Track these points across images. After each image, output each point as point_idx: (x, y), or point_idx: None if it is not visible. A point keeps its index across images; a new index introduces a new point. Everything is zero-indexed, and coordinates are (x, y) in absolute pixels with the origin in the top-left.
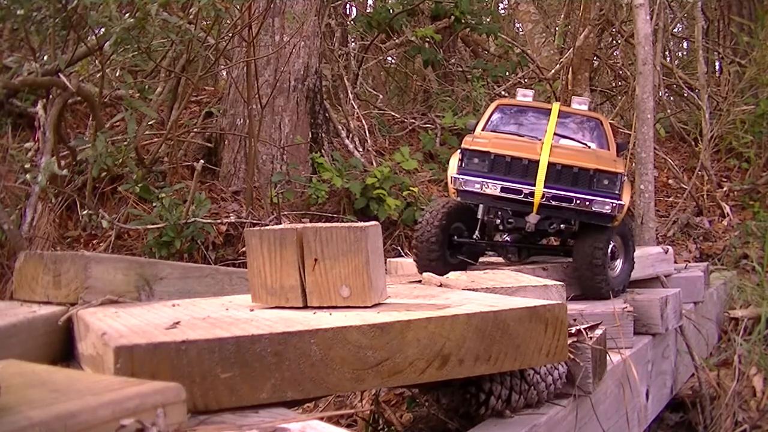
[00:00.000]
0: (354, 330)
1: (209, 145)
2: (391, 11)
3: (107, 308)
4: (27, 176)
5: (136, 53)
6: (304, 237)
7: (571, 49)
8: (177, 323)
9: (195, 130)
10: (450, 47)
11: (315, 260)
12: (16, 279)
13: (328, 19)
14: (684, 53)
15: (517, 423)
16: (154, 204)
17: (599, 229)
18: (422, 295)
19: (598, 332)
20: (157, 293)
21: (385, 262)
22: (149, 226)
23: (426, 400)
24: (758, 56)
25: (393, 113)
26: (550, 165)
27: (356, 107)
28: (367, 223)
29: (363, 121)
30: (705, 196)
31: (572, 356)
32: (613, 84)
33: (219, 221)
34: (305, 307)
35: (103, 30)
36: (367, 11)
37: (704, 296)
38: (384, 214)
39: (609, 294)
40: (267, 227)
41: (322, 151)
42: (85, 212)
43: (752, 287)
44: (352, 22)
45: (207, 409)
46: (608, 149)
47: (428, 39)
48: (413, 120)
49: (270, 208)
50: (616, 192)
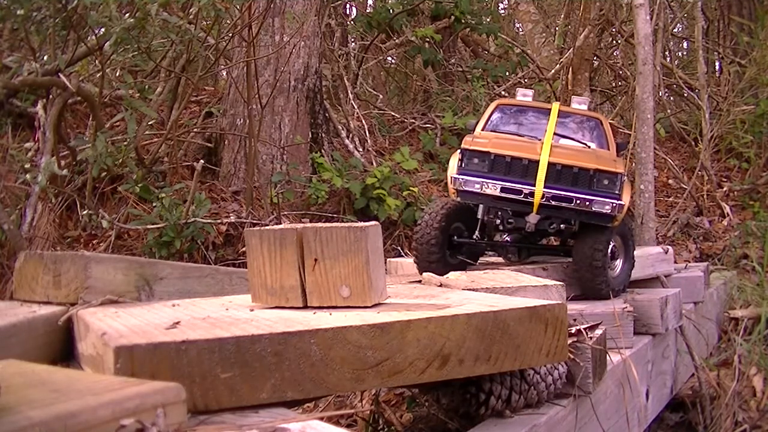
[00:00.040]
0: (354, 330)
1: (209, 145)
2: (391, 11)
3: (107, 308)
4: (27, 176)
5: (136, 53)
6: (304, 237)
7: (571, 49)
8: (177, 323)
9: (195, 130)
10: (450, 47)
11: (315, 260)
12: (16, 279)
13: (328, 19)
14: (684, 53)
15: (517, 423)
16: (154, 204)
17: (599, 229)
18: (422, 295)
19: (598, 332)
20: (157, 293)
21: (385, 262)
22: (149, 226)
23: (426, 400)
24: (758, 56)
25: (393, 113)
26: (550, 165)
27: (356, 107)
28: (367, 223)
29: (363, 121)
30: (705, 196)
31: (572, 356)
32: (613, 84)
33: (219, 221)
34: (305, 307)
35: (103, 30)
36: (367, 11)
37: (704, 296)
38: (384, 214)
39: (609, 294)
40: (267, 227)
41: (322, 151)
42: (85, 212)
43: (752, 287)
44: (352, 22)
45: (207, 409)
46: (608, 149)
47: (428, 39)
48: (413, 120)
49: (270, 208)
50: (616, 192)
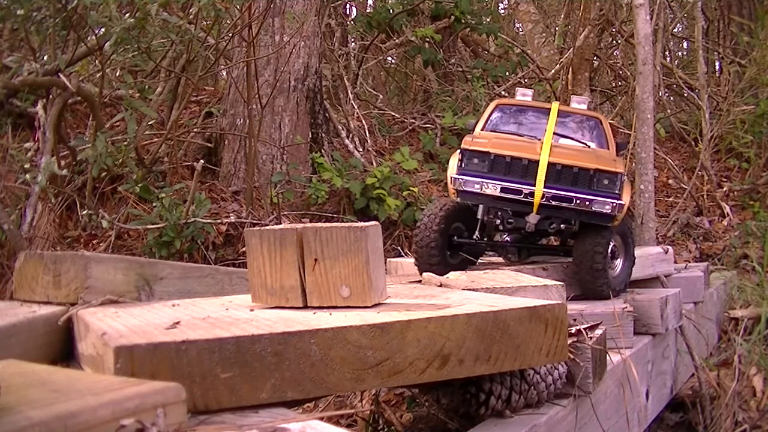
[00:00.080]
0: (354, 330)
1: (209, 145)
2: (391, 11)
3: (107, 308)
4: (27, 176)
5: (136, 53)
6: (304, 237)
7: (571, 49)
8: (177, 323)
9: (195, 130)
10: (450, 47)
11: (315, 260)
12: (16, 279)
13: (328, 19)
14: (684, 53)
15: (517, 423)
16: (154, 204)
17: (599, 229)
18: (422, 295)
19: (598, 332)
20: (157, 293)
21: (385, 262)
22: (149, 226)
23: (426, 400)
24: (758, 56)
25: (393, 113)
26: (550, 165)
27: (356, 107)
28: (367, 223)
29: (363, 121)
30: (705, 196)
31: (572, 356)
32: (613, 84)
33: (219, 221)
34: (305, 307)
35: (103, 30)
36: (367, 11)
37: (704, 296)
38: (384, 214)
39: (609, 294)
40: (267, 227)
41: (322, 151)
42: (85, 212)
43: (752, 287)
44: (352, 22)
45: (207, 409)
46: (608, 148)
47: (428, 39)
48: (413, 120)
49: (270, 208)
50: (616, 192)
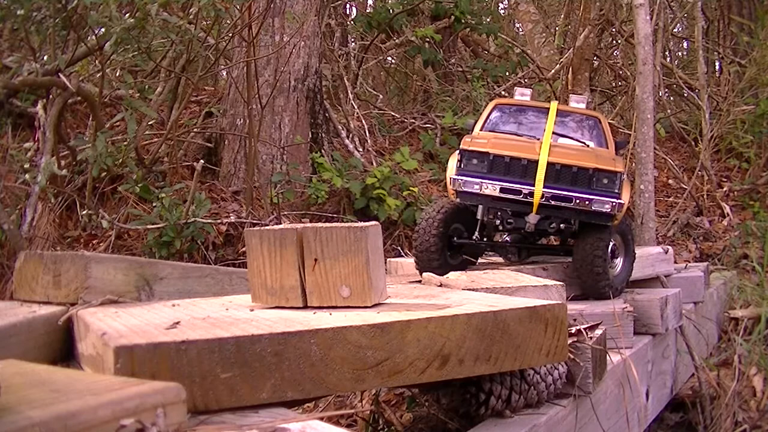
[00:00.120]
0: (354, 330)
1: (209, 145)
2: (391, 11)
3: (107, 308)
4: (27, 176)
5: (136, 53)
6: (304, 237)
7: (571, 49)
8: (177, 323)
9: (195, 130)
10: (450, 47)
11: (315, 260)
12: (16, 279)
13: (328, 19)
14: (684, 53)
15: (517, 423)
16: (154, 204)
17: (599, 229)
18: (422, 295)
19: (598, 332)
20: (157, 293)
21: (385, 262)
22: (149, 226)
23: (426, 400)
24: (758, 56)
25: (393, 113)
26: (549, 165)
27: (356, 107)
28: (367, 223)
29: (363, 121)
30: (705, 196)
31: (572, 356)
32: (613, 84)
33: (219, 221)
34: (305, 307)
35: (103, 30)
36: (367, 11)
37: (704, 296)
38: (384, 214)
39: (610, 293)
40: (267, 227)
41: (322, 151)
42: (85, 212)
43: (752, 287)
44: (352, 22)
45: (207, 409)
46: (607, 147)
47: (428, 39)
48: (413, 120)
49: (270, 208)
50: (616, 191)
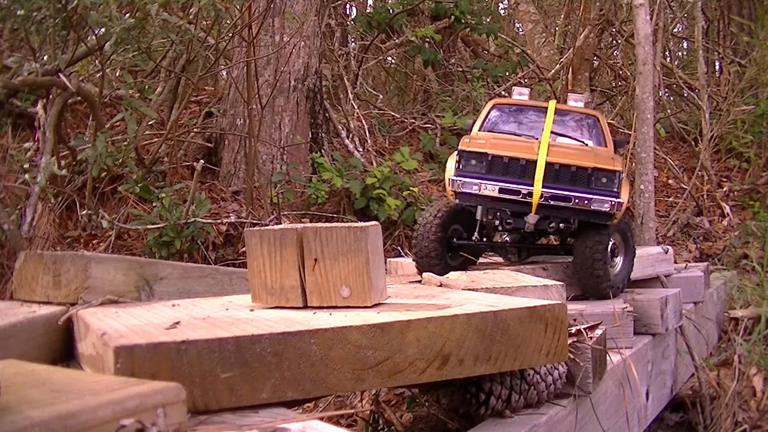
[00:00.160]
0: (354, 330)
1: (209, 145)
2: (391, 11)
3: (107, 308)
4: (27, 176)
5: (136, 53)
6: (304, 237)
7: (571, 49)
8: (177, 323)
9: (195, 130)
10: (450, 47)
11: (315, 260)
12: (16, 279)
13: (328, 19)
14: (684, 53)
15: (517, 423)
16: (154, 204)
17: (599, 228)
18: (422, 295)
19: (598, 332)
20: (157, 293)
21: (385, 262)
22: (149, 226)
23: (426, 400)
24: (758, 56)
25: (393, 113)
26: (548, 164)
27: (356, 107)
28: (367, 223)
29: (363, 121)
30: (705, 196)
31: (572, 356)
32: (613, 84)
33: (219, 221)
34: (305, 307)
35: (103, 30)
36: (367, 11)
37: (704, 296)
38: (384, 214)
39: (610, 292)
40: (267, 227)
41: (322, 151)
42: (85, 212)
43: (752, 287)
44: (352, 22)
45: (207, 409)
46: (606, 146)
47: (428, 39)
48: (413, 120)
49: (270, 208)
50: (615, 190)
